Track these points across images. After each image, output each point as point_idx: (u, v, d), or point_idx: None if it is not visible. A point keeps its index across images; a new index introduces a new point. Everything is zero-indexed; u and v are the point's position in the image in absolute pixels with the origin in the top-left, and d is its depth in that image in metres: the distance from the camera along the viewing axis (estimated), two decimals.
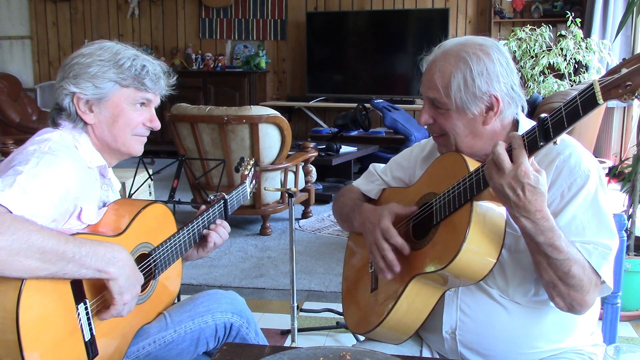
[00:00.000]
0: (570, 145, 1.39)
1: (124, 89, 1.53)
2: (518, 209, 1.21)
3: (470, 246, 1.26)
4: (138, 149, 1.61)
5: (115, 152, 1.59)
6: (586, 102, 1.12)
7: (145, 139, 1.62)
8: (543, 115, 1.18)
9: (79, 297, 1.31)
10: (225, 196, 1.80)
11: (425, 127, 1.50)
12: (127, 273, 1.35)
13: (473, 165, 1.34)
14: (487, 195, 1.29)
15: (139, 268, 1.49)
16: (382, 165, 1.75)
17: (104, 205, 1.58)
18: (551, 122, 1.17)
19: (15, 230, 1.17)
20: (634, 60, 1.07)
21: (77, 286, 1.31)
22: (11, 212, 1.23)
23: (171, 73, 1.64)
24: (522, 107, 1.45)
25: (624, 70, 1.08)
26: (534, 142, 1.20)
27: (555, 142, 1.18)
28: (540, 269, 1.28)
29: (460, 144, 1.42)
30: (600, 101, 1.10)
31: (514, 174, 1.19)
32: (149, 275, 1.55)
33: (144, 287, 1.53)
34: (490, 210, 1.30)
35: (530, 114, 4.02)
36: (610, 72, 1.11)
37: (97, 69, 1.51)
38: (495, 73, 1.37)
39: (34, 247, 1.18)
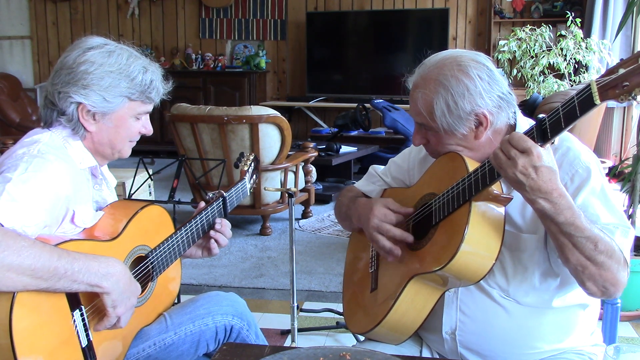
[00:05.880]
0: (567, 140, 1.40)
1: (131, 102, 1.53)
2: (533, 191, 1.19)
3: (468, 247, 1.26)
4: (129, 153, 1.63)
5: (107, 156, 1.59)
6: (583, 102, 1.11)
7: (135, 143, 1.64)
8: (541, 115, 1.18)
9: (74, 303, 1.30)
10: (224, 194, 1.79)
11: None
12: (121, 287, 1.33)
13: (472, 165, 1.34)
14: (486, 195, 1.29)
15: (136, 271, 1.48)
16: (382, 166, 1.75)
17: (98, 205, 1.57)
18: (549, 122, 1.17)
19: (6, 246, 1.16)
20: (632, 60, 1.07)
21: (71, 293, 1.29)
22: (2, 225, 1.21)
23: (168, 77, 1.63)
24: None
25: (622, 71, 1.07)
26: None
27: (553, 143, 1.18)
28: (566, 252, 1.24)
29: None
30: (598, 102, 1.10)
31: (527, 160, 1.17)
32: (147, 277, 1.54)
33: (142, 289, 1.52)
34: (489, 211, 1.30)
35: (531, 114, 4.04)
36: (608, 72, 1.11)
37: (109, 81, 1.48)
38: (477, 91, 1.36)
39: (25, 263, 1.17)
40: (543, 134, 1.18)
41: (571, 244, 1.23)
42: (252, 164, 1.99)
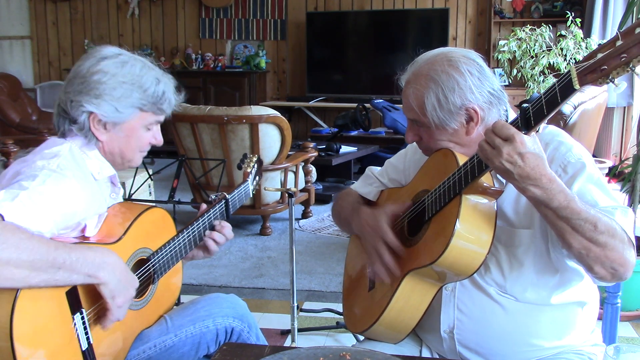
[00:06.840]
0: (559, 135, 1.41)
1: (142, 113, 1.54)
2: (522, 178, 1.18)
3: (459, 239, 1.27)
4: (139, 163, 1.64)
5: (118, 165, 1.60)
6: (564, 88, 1.12)
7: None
8: (525, 104, 1.19)
9: (75, 307, 1.30)
10: (227, 196, 1.79)
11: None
12: (117, 277, 1.33)
13: (462, 159, 1.35)
14: (475, 188, 1.30)
15: (138, 274, 1.48)
16: (379, 168, 1.76)
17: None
18: (532, 110, 1.17)
19: (5, 239, 1.16)
20: (609, 45, 1.08)
21: (72, 296, 1.29)
22: (3, 219, 1.21)
23: (180, 89, 1.65)
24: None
25: (600, 55, 1.08)
26: None
27: (537, 131, 1.19)
28: (567, 237, 1.23)
29: None
30: (577, 86, 1.10)
31: (511, 147, 1.17)
32: (148, 280, 1.54)
33: (143, 292, 1.53)
34: (479, 204, 1.31)
35: None
36: (587, 58, 1.12)
37: (122, 92, 1.49)
38: (468, 85, 1.38)
39: (23, 255, 1.17)
40: (527, 122, 1.18)
41: (570, 228, 1.22)
42: (255, 166, 1.99)
